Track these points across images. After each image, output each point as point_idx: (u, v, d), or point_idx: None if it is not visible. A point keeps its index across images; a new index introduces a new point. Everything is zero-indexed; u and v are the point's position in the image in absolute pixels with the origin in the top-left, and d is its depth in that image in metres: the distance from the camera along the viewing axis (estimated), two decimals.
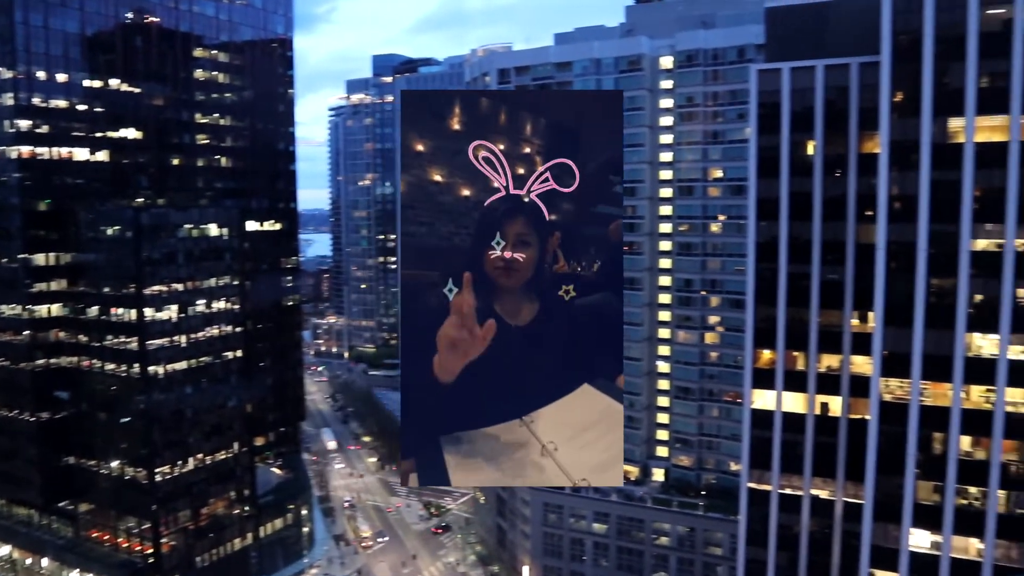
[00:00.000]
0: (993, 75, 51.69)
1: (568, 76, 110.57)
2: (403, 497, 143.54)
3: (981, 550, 54.42)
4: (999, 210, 51.96)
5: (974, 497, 54.74)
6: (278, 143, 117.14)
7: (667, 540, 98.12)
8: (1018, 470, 53.34)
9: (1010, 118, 51.16)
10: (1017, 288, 52.14)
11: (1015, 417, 52.90)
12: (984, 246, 53.05)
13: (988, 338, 53.57)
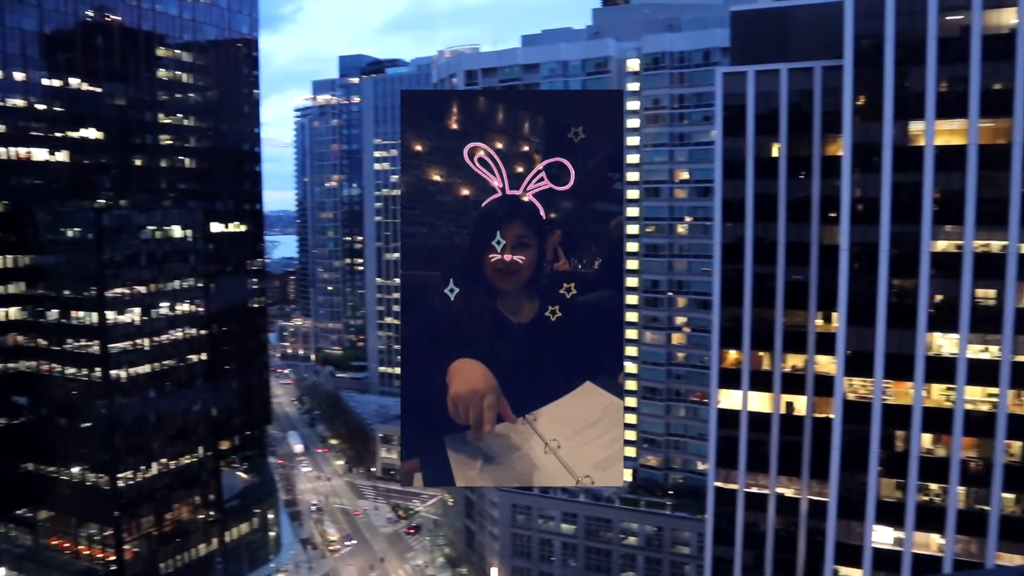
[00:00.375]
0: (952, 80, 52.74)
1: (535, 78, 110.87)
2: (371, 500, 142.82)
3: (942, 545, 55.43)
4: (958, 212, 52.99)
5: (935, 493, 55.75)
6: (243, 144, 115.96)
7: (635, 540, 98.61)
8: (977, 467, 54.42)
9: (968, 122, 52.22)
10: (976, 288, 53.20)
11: (974, 415, 53.98)
12: (944, 247, 54.06)
13: (948, 337, 54.60)
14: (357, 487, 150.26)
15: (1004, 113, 51.50)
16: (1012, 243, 51.95)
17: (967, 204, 52.66)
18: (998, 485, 53.53)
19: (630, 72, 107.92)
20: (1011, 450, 53.62)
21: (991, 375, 53.24)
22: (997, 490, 53.60)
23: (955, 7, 52.26)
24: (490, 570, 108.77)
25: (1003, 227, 52.06)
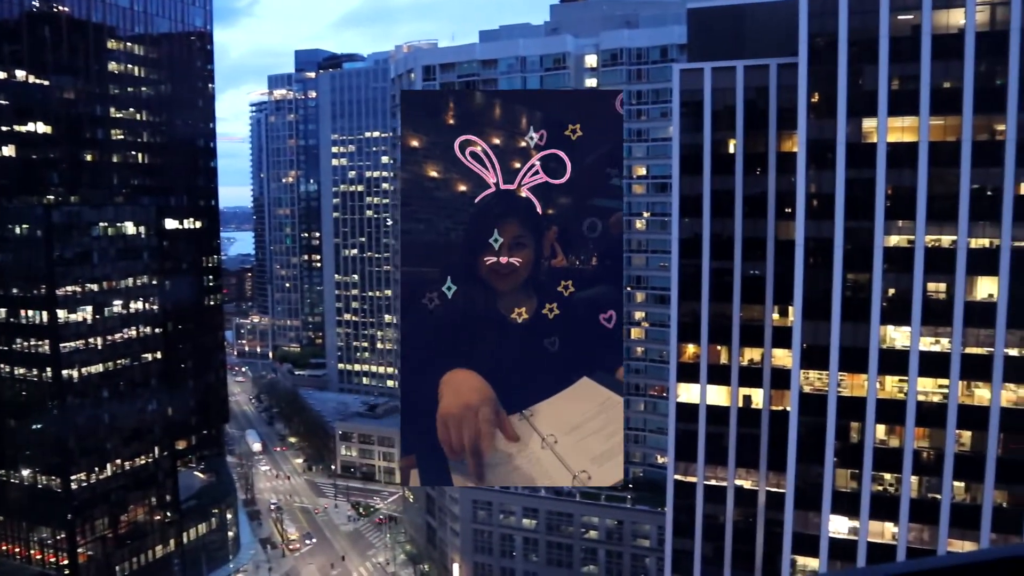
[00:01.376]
0: (903, 78, 53.79)
1: (493, 74, 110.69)
2: (331, 498, 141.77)
3: (896, 534, 56.66)
4: (910, 208, 54.09)
5: (889, 483, 56.96)
6: (198, 139, 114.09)
7: (596, 534, 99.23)
8: (929, 456, 55.71)
9: (919, 119, 53.30)
10: (927, 282, 54.39)
11: (926, 406, 55.23)
12: (896, 242, 55.17)
13: (900, 330, 55.76)
14: (317, 485, 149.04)
15: (953, 111, 52.65)
16: (961, 238, 53.19)
17: (918, 200, 53.77)
18: (949, 474, 54.86)
19: (588, 68, 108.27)
20: (961, 440, 54.98)
21: (942, 367, 54.51)
22: (948, 479, 54.93)
23: (906, 7, 53.28)
24: (452, 566, 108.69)
25: (953, 222, 53.28)
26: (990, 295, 53.57)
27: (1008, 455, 53.83)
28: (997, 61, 51.71)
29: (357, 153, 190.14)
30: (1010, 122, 51.60)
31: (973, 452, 54.61)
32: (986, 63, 52.00)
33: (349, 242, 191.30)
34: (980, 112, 52.19)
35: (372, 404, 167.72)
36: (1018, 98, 51.13)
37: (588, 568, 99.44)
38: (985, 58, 51.88)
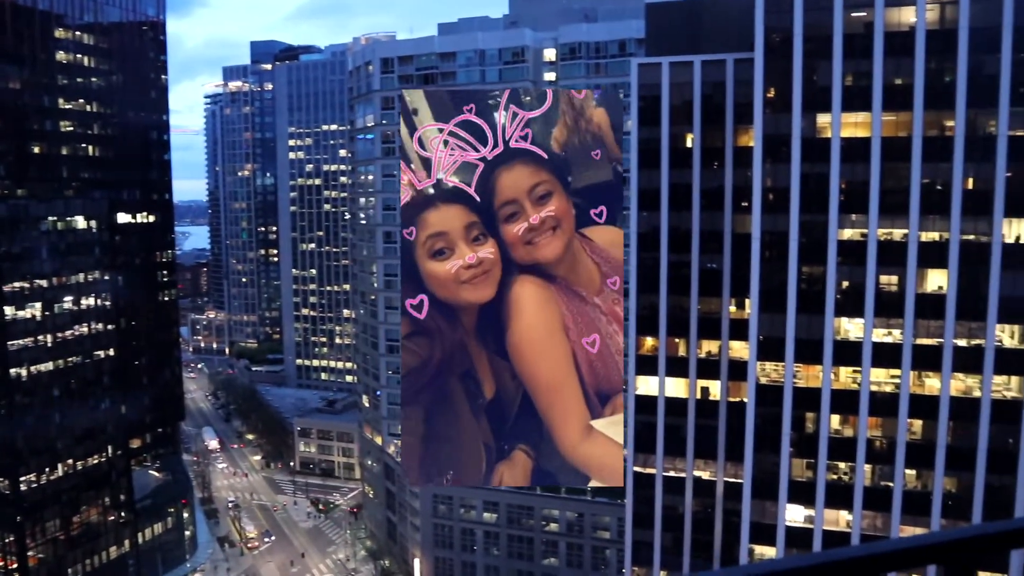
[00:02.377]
0: (857, 74, 54.70)
1: (452, 67, 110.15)
2: (290, 495, 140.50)
3: (850, 521, 57.83)
4: (863, 202, 55.10)
5: (843, 472, 58.08)
6: (150, 131, 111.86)
7: (556, 526, 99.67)
8: (882, 445, 56.91)
9: (872, 115, 54.28)
10: (879, 275, 55.48)
11: (879, 396, 56.40)
12: (850, 235, 56.16)
13: (854, 322, 56.83)
14: (275, 482, 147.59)
15: (905, 107, 53.72)
16: (913, 231, 54.33)
17: (871, 194, 54.80)
18: (901, 462, 56.11)
19: (547, 62, 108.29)
20: (913, 428, 56.26)
21: (894, 358, 55.69)
22: (900, 467, 56.18)
23: (859, 4, 54.17)
24: (412, 561, 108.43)
25: (904, 216, 54.40)
26: (940, 287, 54.83)
27: (957, 442, 55.23)
28: (946, 59, 52.84)
29: (314, 146, 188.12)
30: (959, 118, 52.78)
31: (924, 440, 55.91)
32: (936, 61, 53.10)
33: (307, 236, 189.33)
34: (930, 108, 53.31)
35: (331, 399, 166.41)
36: (966, 95, 52.34)
37: (549, 560, 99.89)
38: (935, 56, 52.99)
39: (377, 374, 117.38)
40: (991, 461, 54.41)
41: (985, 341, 53.90)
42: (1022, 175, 52.73)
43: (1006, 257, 52.97)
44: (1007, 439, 54.30)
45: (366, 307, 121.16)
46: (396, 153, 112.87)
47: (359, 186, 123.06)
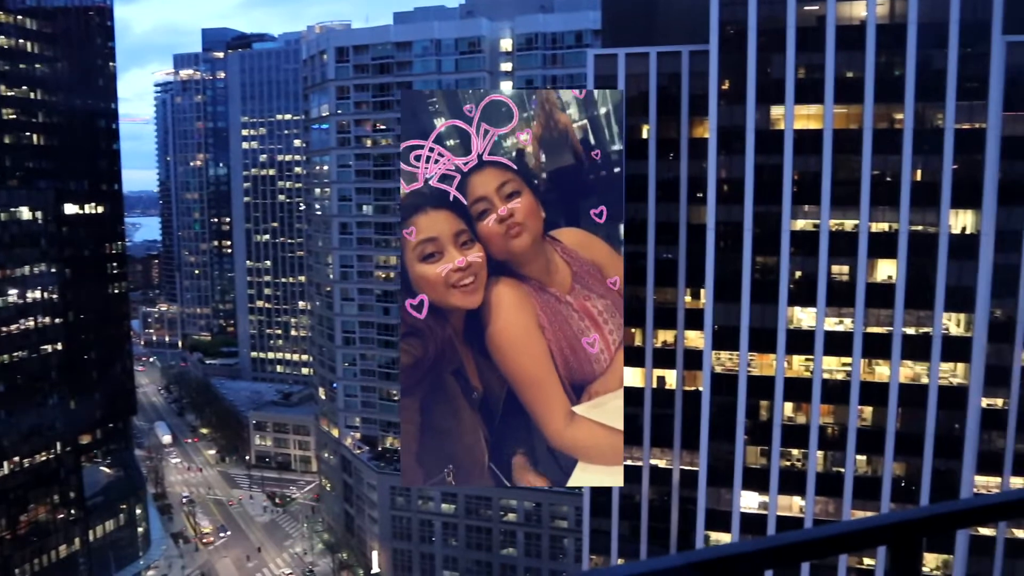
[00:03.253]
0: (809, 67, 55.51)
1: (408, 56, 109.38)
2: (245, 489, 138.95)
3: (803, 507, 58.94)
4: (815, 193, 56.00)
5: (796, 459, 59.13)
6: (98, 120, 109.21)
7: (514, 516, 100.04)
8: (833, 432, 58.04)
9: (824, 107, 55.14)
10: (831, 265, 56.49)
11: (830, 383, 57.50)
12: (802, 226, 57.06)
13: (806, 311, 57.80)
14: (231, 476, 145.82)
15: (856, 100, 54.66)
16: (863, 222, 55.38)
17: (823, 185, 55.71)
18: (852, 448, 57.31)
19: (503, 52, 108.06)
20: (863, 415, 57.47)
21: (845, 346, 56.80)
22: (851, 453, 57.38)
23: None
24: (370, 554, 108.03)
25: (855, 207, 55.41)
26: (889, 277, 56.00)
27: (905, 428, 56.57)
28: (896, 53, 53.86)
29: (268, 136, 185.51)
30: (907, 111, 53.87)
31: (874, 426, 57.16)
32: (886, 55, 54.10)
33: (261, 227, 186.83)
34: (880, 101, 54.33)
35: (287, 392, 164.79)
36: (915, 89, 53.43)
37: (507, 550, 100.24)
38: (885, 50, 53.99)
39: (333, 366, 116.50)
40: (938, 446, 55.84)
41: (932, 329, 55.22)
42: (968, 167, 54.02)
43: (952, 247, 54.31)
44: (953, 424, 55.76)
45: (322, 299, 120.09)
46: (351, 143, 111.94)
47: (314, 176, 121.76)
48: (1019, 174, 54.42)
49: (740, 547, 2.01)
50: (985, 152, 53.30)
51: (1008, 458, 56.33)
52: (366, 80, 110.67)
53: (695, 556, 1.98)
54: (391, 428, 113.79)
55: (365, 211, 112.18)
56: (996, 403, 56.36)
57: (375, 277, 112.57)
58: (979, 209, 54.09)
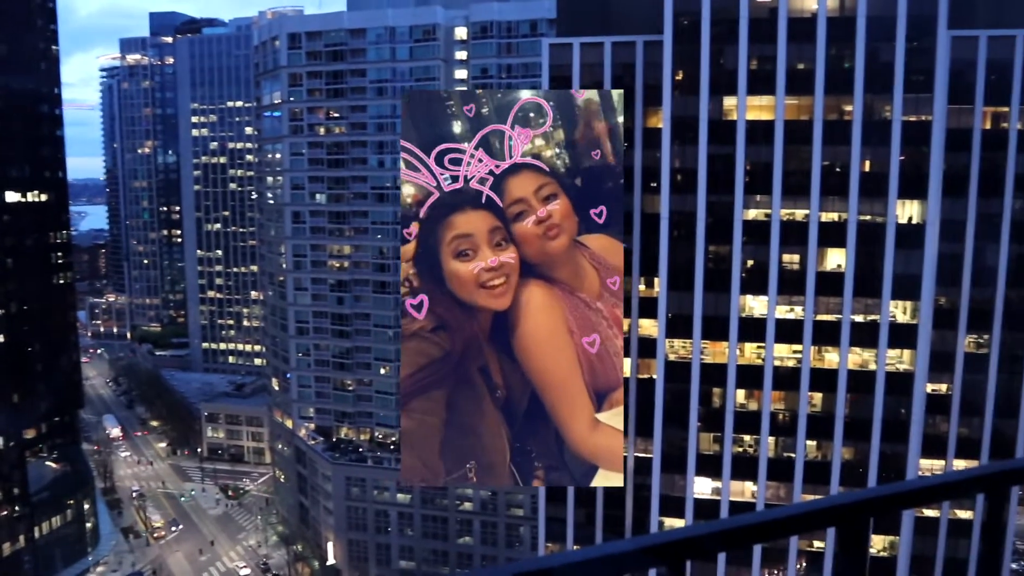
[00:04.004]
0: (761, 58, 56.16)
1: (362, 43, 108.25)
2: (198, 481, 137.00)
3: (755, 492, 59.96)
4: (767, 183, 56.78)
5: (748, 445, 60.09)
6: (41, 105, 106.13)
7: (470, 505, 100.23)
8: (784, 418, 59.10)
9: (776, 99, 55.86)
10: (782, 254, 57.38)
11: (781, 370, 58.50)
12: (754, 216, 57.84)
13: (758, 299, 58.67)
14: (182, 469, 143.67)
15: (807, 92, 55.47)
16: (813, 212, 56.33)
17: (774, 176, 56.50)
18: (803, 434, 58.42)
19: (458, 40, 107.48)
20: (813, 401, 58.62)
21: (796, 333, 57.81)
22: (802, 438, 58.49)
23: None
24: (326, 545, 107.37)
25: (806, 197, 56.32)
26: (839, 266, 57.07)
27: (854, 414, 57.83)
28: (845, 46, 54.76)
29: (219, 123, 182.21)
30: (857, 103, 54.85)
31: (823, 412, 58.34)
32: (836, 47, 54.98)
33: (212, 216, 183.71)
34: (830, 93, 55.22)
35: (239, 383, 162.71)
36: (864, 81, 54.40)
37: (464, 539, 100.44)
38: (835, 42, 54.85)
39: (287, 356, 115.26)
40: (885, 430, 57.20)
41: (880, 317, 56.45)
42: (914, 159, 55.23)
43: (899, 237, 55.54)
44: (899, 409, 57.14)
45: (275, 288, 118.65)
46: (304, 131, 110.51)
47: (266, 165, 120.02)
48: (963, 166, 55.83)
49: (690, 531, 2.02)
50: (931, 144, 54.54)
51: (951, 441, 57.99)
52: (319, 67, 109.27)
53: (647, 540, 2.00)
54: (345, 418, 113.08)
55: (319, 200, 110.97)
56: (940, 388, 57.95)
57: (329, 267, 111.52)
58: (925, 200, 55.38)
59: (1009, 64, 54.79)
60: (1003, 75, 54.86)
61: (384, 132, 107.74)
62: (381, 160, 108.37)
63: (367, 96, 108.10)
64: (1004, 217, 55.95)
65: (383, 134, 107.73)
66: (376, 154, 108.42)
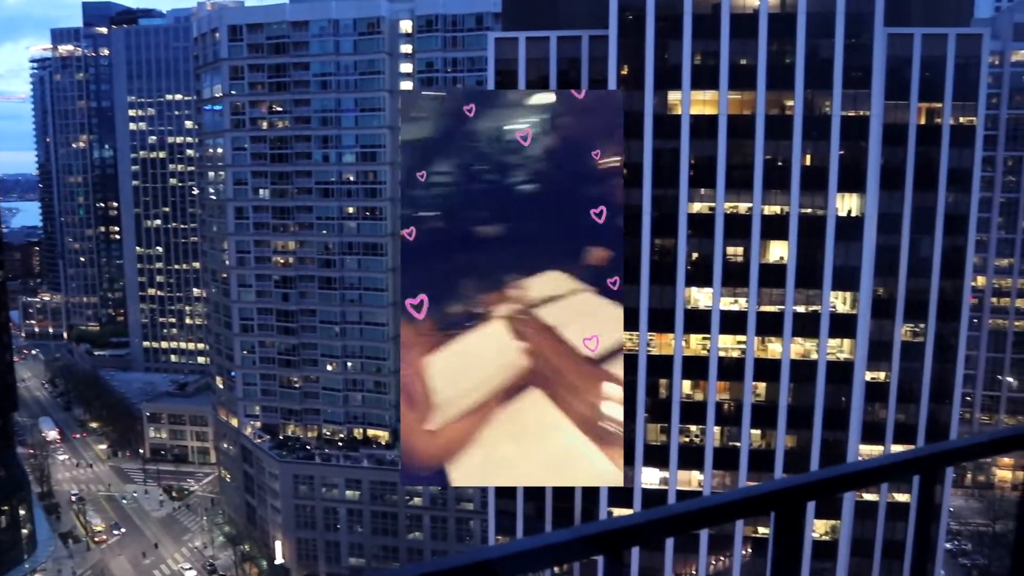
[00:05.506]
0: (705, 53, 56.91)
1: (305, 36, 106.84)
2: (140, 483, 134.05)
3: (701, 480, 60.90)
4: (711, 176, 57.60)
5: (695, 435, 61.00)
6: None
7: (420, 500, 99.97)
8: (730, 408, 60.12)
9: (719, 93, 56.66)
10: (726, 247, 58.30)
11: (726, 361, 59.48)
12: (698, 209, 58.64)
13: (703, 291, 59.53)
14: (124, 471, 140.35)
15: (749, 87, 56.38)
16: (756, 205, 57.34)
17: (718, 169, 57.34)
18: (747, 423, 59.51)
19: (403, 34, 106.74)
20: (757, 391, 59.74)
21: (740, 324, 58.82)
22: (747, 427, 59.58)
23: None
24: (274, 544, 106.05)
25: (749, 191, 57.30)
26: (781, 258, 58.20)
27: (797, 402, 59.10)
28: (786, 42, 55.79)
29: (158, 117, 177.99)
30: (797, 98, 55.97)
31: (767, 402, 59.51)
32: (777, 43, 55.98)
33: (151, 212, 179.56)
34: (772, 88, 56.25)
35: (182, 382, 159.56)
36: (804, 76, 55.50)
37: (414, 535, 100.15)
38: (776, 38, 55.85)
39: (231, 354, 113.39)
40: (827, 418, 58.60)
41: (821, 307, 57.74)
42: (853, 153, 56.56)
43: (839, 229, 56.89)
44: (840, 397, 58.59)
45: (218, 285, 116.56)
46: (247, 126, 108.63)
47: (207, 159, 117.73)
48: (899, 160, 57.34)
49: (628, 520, 2.04)
50: (869, 139, 55.90)
51: (889, 427, 59.64)
52: (261, 60, 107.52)
53: (590, 529, 2.00)
54: (292, 416, 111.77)
55: (262, 195, 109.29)
56: (879, 376, 59.53)
57: (273, 263, 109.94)
58: (863, 193, 56.78)
59: (942, 61, 56.41)
60: (937, 72, 56.46)
61: (329, 126, 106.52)
62: (326, 155, 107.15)
63: (311, 90, 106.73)
64: (938, 210, 57.64)
65: (328, 128, 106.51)
66: (321, 148, 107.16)
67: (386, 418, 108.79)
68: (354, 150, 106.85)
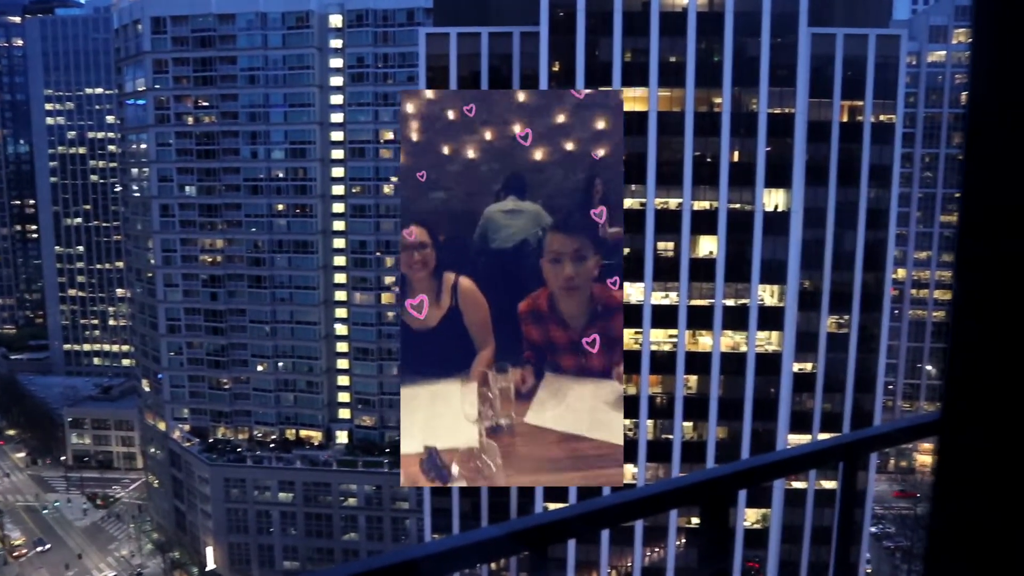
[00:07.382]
0: (635, 51, 57.55)
1: (232, 30, 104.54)
2: (62, 492, 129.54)
3: (635, 474, 61.62)
4: (642, 173, 58.29)
5: (628, 428, 61.64)
6: None
7: (355, 500, 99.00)
8: (662, 401, 60.98)
9: (649, 90, 57.35)
10: (657, 242, 59.12)
11: (658, 355, 60.34)
12: (630, 204, 59.26)
13: (635, 286, 60.22)
14: (44, 480, 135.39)
15: (679, 84, 57.23)
16: (686, 201, 58.28)
17: (649, 166, 58.08)
18: (679, 415, 60.47)
19: (333, 28, 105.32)
20: (689, 384, 60.76)
21: (671, 318, 59.71)
22: (679, 420, 60.53)
23: None
24: (204, 550, 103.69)
25: (679, 186, 58.20)
26: (711, 252, 59.28)
27: (727, 394, 60.31)
28: (714, 40, 56.79)
29: (77, 111, 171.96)
30: (725, 96, 57.03)
31: (699, 394, 60.58)
32: (706, 41, 56.95)
33: (71, 210, 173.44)
34: (701, 86, 57.21)
35: (106, 386, 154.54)
36: (732, 74, 56.58)
37: (349, 536, 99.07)
38: (705, 36, 56.82)
39: (158, 356, 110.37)
40: (756, 409, 59.95)
41: (750, 301, 58.99)
42: (779, 149, 57.92)
43: (766, 224, 58.23)
44: (769, 389, 59.98)
45: (143, 285, 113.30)
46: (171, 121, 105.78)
47: (131, 155, 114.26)
48: (823, 156, 58.92)
49: (561, 513, 2.04)
50: (794, 135, 57.30)
51: (816, 416, 61.32)
52: (186, 54, 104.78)
53: (521, 524, 2.00)
54: (222, 418, 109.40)
55: (188, 192, 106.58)
56: (806, 367, 61.14)
57: (201, 262, 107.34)
58: (789, 188, 58.19)
59: (863, 60, 58.12)
60: (858, 71, 58.16)
61: (257, 122, 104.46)
62: (254, 151, 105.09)
63: (238, 85, 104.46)
64: (860, 205, 59.43)
65: (256, 124, 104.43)
66: (249, 144, 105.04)
67: (319, 418, 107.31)
68: (283, 146, 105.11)
